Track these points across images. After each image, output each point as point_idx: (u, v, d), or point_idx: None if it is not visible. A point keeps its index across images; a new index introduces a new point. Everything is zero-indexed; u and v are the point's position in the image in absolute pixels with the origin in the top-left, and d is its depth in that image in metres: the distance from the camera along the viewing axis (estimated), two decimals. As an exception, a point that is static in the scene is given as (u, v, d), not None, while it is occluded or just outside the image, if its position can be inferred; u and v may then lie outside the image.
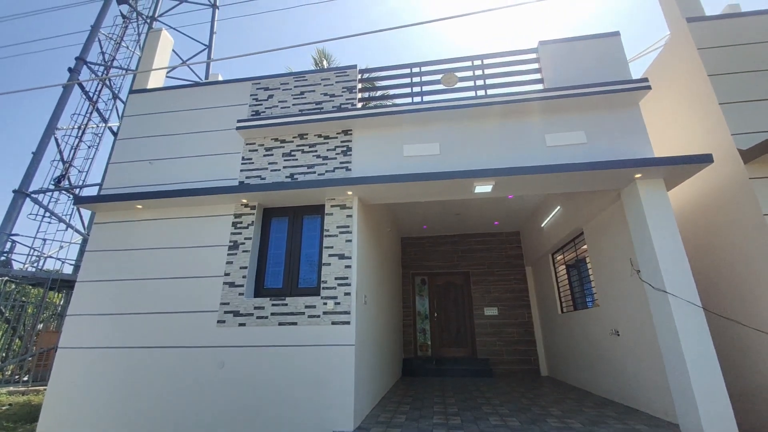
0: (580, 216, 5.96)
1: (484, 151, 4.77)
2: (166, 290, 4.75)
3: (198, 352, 4.40)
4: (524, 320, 8.88)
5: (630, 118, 4.61)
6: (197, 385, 4.27)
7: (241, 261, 4.76)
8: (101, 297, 4.83)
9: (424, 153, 4.89)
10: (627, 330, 4.91)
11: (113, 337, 4.61)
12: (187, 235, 5.01)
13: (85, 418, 4.32)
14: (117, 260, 5.00)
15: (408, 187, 4.66)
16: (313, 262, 4.90)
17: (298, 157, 5.18)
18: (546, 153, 4.62)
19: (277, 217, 5.21)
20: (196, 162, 5.40)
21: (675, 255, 4.02)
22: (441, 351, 9.08)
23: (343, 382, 4.08)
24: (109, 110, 15.46)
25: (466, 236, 9.82)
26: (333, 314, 4.35)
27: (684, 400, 3.70)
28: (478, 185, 4.58)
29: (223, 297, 4.61)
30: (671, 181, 4.42)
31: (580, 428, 3.89)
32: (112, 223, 5.26)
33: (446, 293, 9.57)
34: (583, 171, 4.22)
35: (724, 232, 4.69)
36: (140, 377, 4.40)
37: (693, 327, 3.75)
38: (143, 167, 5.54)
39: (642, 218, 4.25)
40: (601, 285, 5.60)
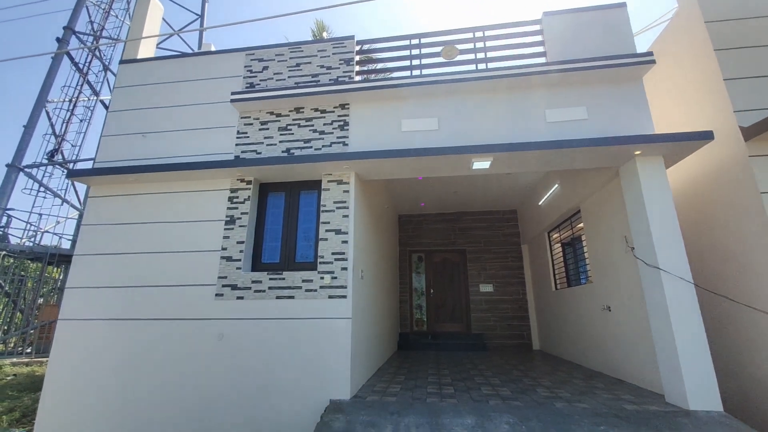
0: (577, 194, 5.96)
1: (484, 127, 4.69)
2: (163, 264, 4.77)
3: (197, 324, 4.47)
4: (518, 297, 9.04)
5: (633, 94, 4.52)
6: (197, 356, 4.36)
7: (237, 236, 4.76)
8: (99, 270, 4.85)
9: (422, 128, 4.81)
10: (618, 306, 5.01)
11: (113, 310, 4.66)
12: (183, 209, 4.98)
13: (88, 387, 4.43)
14: (113, 234, 4.99)
15: (405, 162, 4.61)
16: (309, 237, 4.91)
17: (295, 131, 5.09)
18: (546, 129, 4.55)
19: (273, 192, 5.18)
20: (191, 135, 5.30)
21: (670, 232, 4.04)
22: (436, 326, 9.28)
23: (340, 353, 4.17)
24: (100, 82, 15.07)
25: (463, 214, 9.84)
26: (330, 288, 4.40)
27: (671, 372, 3.82)
28: (476, 161, 4.54)
29: (220, 271, 4.64)
30: (670, 159, 4.39)
31: (569, 397, 4.03)
32: (107, 197, 5.21)
33: (443, 270, 9.68)
34: (584, 148, 4.17)
35: (720, 210, 4.70)
36: (140, 348, 4.48)
37: (683, 303, 3.82)
38: (136, 140, 5.44)
39: (639, 195, 4.25)
40: (595, 262, 5.67)
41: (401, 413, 3.62)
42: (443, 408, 3.72)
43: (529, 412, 3.55)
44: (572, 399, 3.97)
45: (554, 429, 3.25)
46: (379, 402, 3.94)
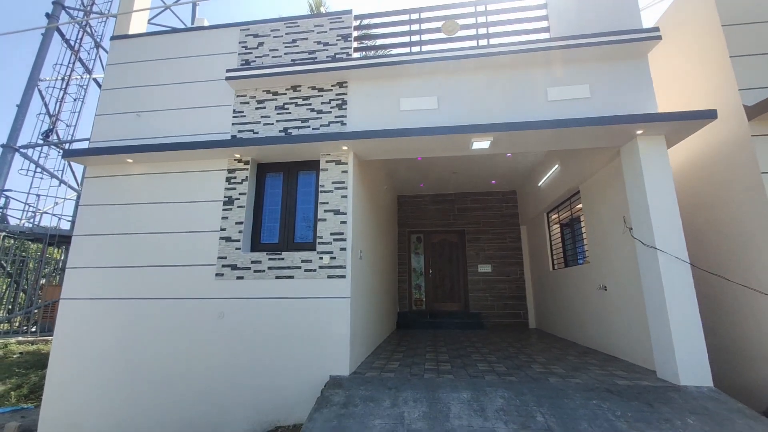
0: (577, 174, 5.92)
1: (484, 106, 4.61)
2: (163, 244, 4.78)
3: (198, 304, 4.53)
4: (516, 277, 9.14)
5: (637, 71, 4.42)
6: (199, 334, 4.44)
7: (236, 216, 4.76)
8: (99, 251, 4.87)
9: (421, 107, 4.73)
10: (614, 285, 5.07)
11: (114, 289, 4.71)
12: (181, 189, 4.95)
13: (92, 364, 4.53)
14: (111, 215, 4.99)
15: (404, 142, 4.56)
16: (308, 217, 4.91)
17: (292, 110, 5.00)
18: (547, 108, 4.47)
19: (271, 173, 5.14)
20: (186, 114, 5.21)
21: (668, 212, 4.04)
22: (435, 305, 9.42)
23: (340, 331, 4.25)
24: (92, 60, 14.71)
25: (462, 195, 9.82)
26: (329, 268, 4.44)
27: (663, 349, 3.90)
28: (476, 141, 4.49)
29: (220, 251, 4.66)
30: (672, 138, 4.34)
31: (563, 373, 4.14)
32: (104, 178, 5.18)
33: (441, 251, 9.74)
34: (585, 127, 4.12)
35: (720, 190, 4.69)
36: (142, 327, 4.56)
37: (679, 282, 3.87)
38: (131, 119, 5.35)
39: (639, 176, 4.23)
40: (593, 243, 5.70)
41: (399, 388, 3.72)
42: (440, 383, 3.82)
43: (524, 387, 3.65)
44: (566, 375, 4.08)
45: (547, 402, 3.35)
46: (377, 378, 4.04)
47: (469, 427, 3.03)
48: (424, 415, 3.23)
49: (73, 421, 4.40)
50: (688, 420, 3.05)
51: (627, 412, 3.17)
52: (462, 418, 3.16)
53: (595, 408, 3.25)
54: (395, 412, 3.30)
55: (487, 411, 3.25)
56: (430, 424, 3.10)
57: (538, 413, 3.20)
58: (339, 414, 3.32)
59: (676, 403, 3.32)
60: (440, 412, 3.27)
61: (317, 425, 3.17)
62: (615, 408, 3.25)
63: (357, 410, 3.37)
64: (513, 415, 3.18)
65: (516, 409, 3.26)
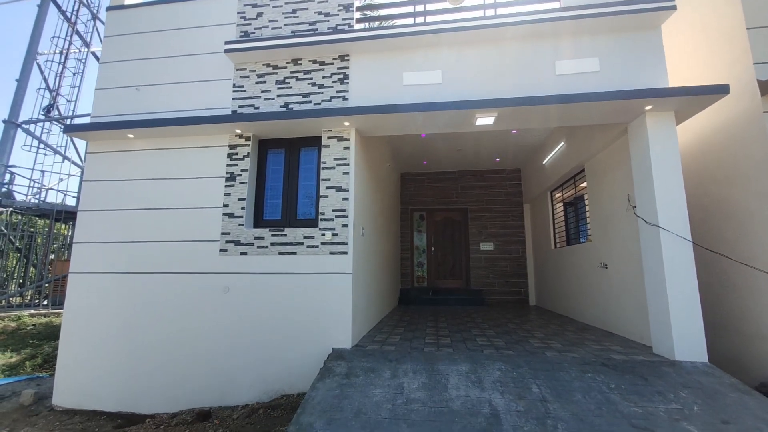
0: (583, 152, 5.83)
1: (490, 80, 4.50)
2: (167, 220, 4.82)
3: (203, 278, 4.62)
4: (518, 255, 9.19)
5: (649, 43, 4.27)
6: (204, 308, 4.54)
7: (238, 193, 4.77)
8: (104, 226, 4.93)
9: (425, 81, 4.62)
10: (615, 263, 5.09)
11: (121, 263, 4.80)
12: (184, 165, 4.95)
13: (101, 336, 4.68)
14: (116, 190, 5.01)
15: (406, 118, 4.48)
16: (311, 194, 4.91)
17: (293, 84, 4.91)
18: (554, 83, 4.35)
19: (273, 149, 5.11)
20: (186, 89, 5.14)
21: (673, 190, 4.00)
22: (437, 283, 9.54)
23: (342, 306, 4.34)
24: (90, 33, 14.37)
25: (466, 173, 9.75)
26: (331, 245, 4.48)
27: (660, 325, 3.95)
28: (480, 117, 4.40)
29: (223, 227, 4.70)
30: (682, 114, 4.23)
31: (560, 348, 4.22)
32: (106, 153, 5.17)
33: (444, 229, 9.77)
34: (594, 102, 4.02)
35: (727, 167, 4.61)
36: (151, 300, 4.67)
37: (679, 260, 3.87)
38: (131, 94, 5.29)
39: (646, 153, 4.15)
40: (595, 221, 5.68)
41: (399, 360, 3.83)
42: (439, 356, 3.92)
43: (521, 360, 3.74)
44: (563, 349, 4.17)
45: (543, 375, 3.44)
46: (378, 350, 4.15)
47: (466, 397, 3.13)
48: (423, 385, 3.34)
49: (86, 389, 4.59)
50: (680, 393, 3.13)
51: (621, 385, 3.26)
52: (460, 388, 3.27)
53: (589, 381, 3.34)
54: (395, 382, 3.41)
55: (484, 382, 3.35)
56: (428, 394, 3.21)
57: (533, 385, 3.29)
58: (341, 384, 3.44)
59: (669, 377, 3.40)
60: (439, 383, 3.37)
61: (320, 393, 3.29)
62: (609, 381, 3.33)
63: (358, 380, 3.48)
64: (509, 386, 3.28)
65: (512, 381, 3.36)
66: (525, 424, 2.77)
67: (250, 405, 4.18)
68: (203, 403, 4.35)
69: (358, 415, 2.94)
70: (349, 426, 2.83)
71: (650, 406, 2.95)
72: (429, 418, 2.87)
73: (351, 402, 3.13)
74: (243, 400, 4.28)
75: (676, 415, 2.83)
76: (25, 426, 4.17)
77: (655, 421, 2.77)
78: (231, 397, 4.32)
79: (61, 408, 4.57)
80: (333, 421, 2.89)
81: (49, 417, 4.41)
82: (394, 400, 3.13)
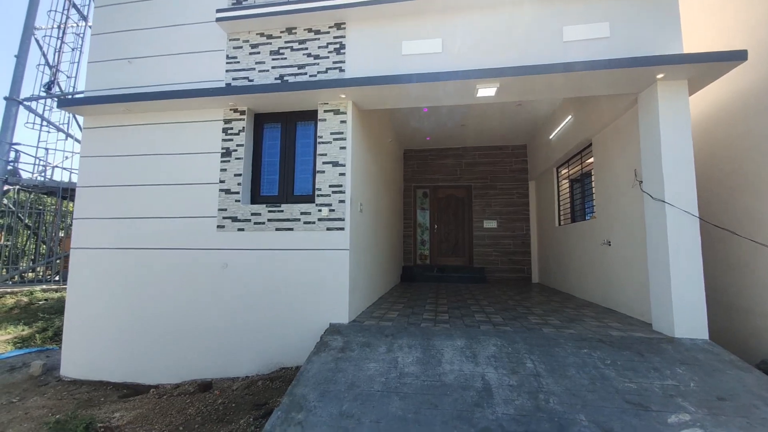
0: (590, 126, 5.61)
1: (492, 48, 4.27)
2: (165, 196, 4.80)
3: (201, 254, 4.63)
4: (522, 233, 9.10)
5: (663, 6, 3.98)
6: (203, 283, 4.58)
7: (234, 168, 4.70)
8: (103, 202, 4.92)
9: (424, 51, 4.41)
10: (618, 240, 4.98)
11: (121, 239, 4.82)
12: (179, 141, 4.87)
13: (103, 310, 4.76)
14: (112, 166, 4.98)
15: (405, 89, 4.31)
16: (308, 170, 4.83)
17: (287, 55, 4.73)
18: (562, 50, 4.12)
19: (269, 124, 5.00)
20: (179, 61, 4.99)
21: (682, 164, 3.83)
22: (439, 260, 9.53)
23: (339, 282, 4.33)
24: (87, 5, 14.03)
25: (470, 149, 9.54)
26: (328, 221, 4.43)
27: (661, 302, 3.88)
28: (481, 88, 4.22)
29: (220, 203, 4.67)
30: (695, 84, 4.00)
31: (558, 324, 4.20)
32: (102, 128, 5.11)
33: (447, 206, 9.67)
34: (603, 71, 3.80)
35: (740, 140, 4.40)
36: (150, 276, 4.71)
37: (685, 236, 3.75)
38: (124, 67, 5.16)
39: (655, 125, 3.96)
40: (601, 197, 5.53)
41: (395, 336, 3.84)
42: (436, 332, 3.92)
43: (517, 336, 3.72)
44: (560, 326, 4.14)
45: (538, 351, 3.43)
46: (375, 326, 4.17)
47: (459, 372, 3.14)
48: (417, 360, 3.35)
49: (92, 361, 4.72)
50: (677, 369, 3.09)
51: (617, 361, 3.23)
52: (454, 363, 3.27)
53: (585, 356, 3.32)
54: (390, 357, 3.43)
55: (478, 357, 3.35)
56: (422, 368, 3.22)
57: (528, 360, 3.28)
58: (336, 357, 3.47)
59: (667, 353, 3.36)
60: (433, 357, 3.38)
61: (315, 366, 3.32)
62: (605, 357, 3.31)
63: (353, 354, 3.50)
64: (504, 361, 3.27)
65: (507, 356, 3.35)
66: (516, 398, 2.77)
67: (250, 377, 4.28)
68: (205, 374, 4.45)
69: (351, 388, 2.97)
70: (341, 398, 2.86)
71: (645, 382, 2.93)
72: (421, 392, 2.88)
73: (345, 375, 3.16)
74: (243, 372, 4.38)
75: (671, 392, 2.81)
76: (34, 395, 4.33)
77: (649, 397, 2.75)
78: (232, 369, 4.41)
79: (69, 378, 4.73)
80: (326, 393, 2.92)
81: (57, 387, 4.56)
82: (387, 374, 3.15)
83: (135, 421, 3.50)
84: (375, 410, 2.70)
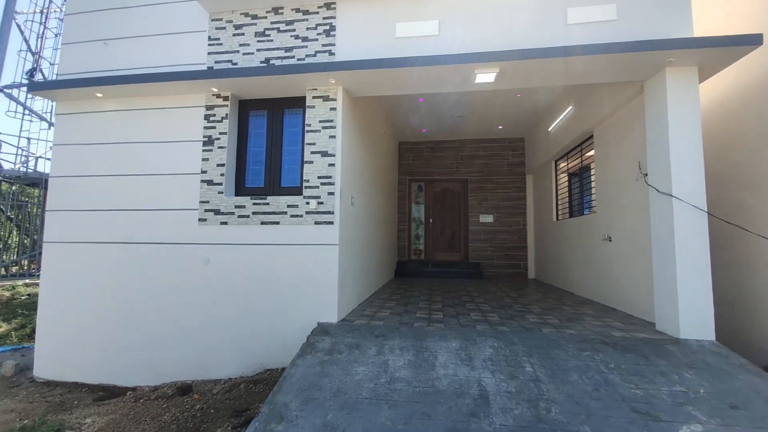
0: (592, 117, 5.38)
1: (492, 31, 4.00)
2: (142, 187, 4.52)
3: (182, 249, 4.37)
4: (518, 228, 8.90)
5: (674, -13, 3.74)
6: (184, 279, 4.32)
7: (217, 158, 4.43)
8: (77, 193, 4.63)
9: (420, 33, 4.13)
10: (620, 235, 4.78)
11: (96, 233, 4.54)
12: (157, 128, 4.58)
13: (77, 306, 4.49)
14: (87, 155, 4.68)
15: (399, 75, 4.04)
16: (295, 160, 4.56)
17: (274, 37, 4.43)
18: (566, 33, 3.87)
19: (255, 111, 4.71)
20: (158, 42, 4.67)
21: (691, 156, 3.62)
22: (434, 255, 9.32)
23: (328, 279, 4.10)
24: (70, -10, 13.46)
25: (467, 142, 9.29)
26: (316, 214, 4.18)
27: (666, 301, 3.69)
28: (480, 73, 3.96)
29: (202, 195, 4.40)
30: (705, 70, 3.77)
31: (557, 324, 4.00)
32: (76, 115, 4.79)
33: (443, 200, 9.43)
34: (609, 55, 3.56)
35: (752, 130, 4.19)
36: (127, 270, 4.44)
37: (692, 231, 3.55)
38: (99, 49, 4.83)
39: (663, 115, 3.73)
40: (601, 191, 5.32)
41: (387, 336, 3.62)
42: (429, 332, 3.71)
43: (515, 337, 3.52)
44: (560, 325, 3.94)
45: (538, 353, 3.22)
46: (366, 326, 3.94)
47: (454, 376, 2.93)
48: (409, 363, 3.14)
49: (67, 361, 4.46)
50: (685, 374, 2.90)
51: (621, 365, 3.04)
52: (448, 367, 3.06)
53: (587, 359, 3.12)
54: (380, 359, 3.21)
55: (474, 360, 3.14)
56: (414, 372, 3.01)
57: (527, 363, 3.08)
58: (323, 360, 3.24)
59: (674, 356, 3.17)
60: (426, 360, 3.17)
61: (299, 371, 3.10)
62: (608, 360, 3.11)
63: (341, 357, 3.28)
64: (501, 365, 3.07)
65: (505, 359, 3.15)
66: (515, 406, 2.56)
67: (232, 379, 4.04)
68: (186, 376, 4.22)
69: (337, 395, 2.75)
70: (326, 406, 2.63)
71: (652, 388, 2.74)
72: (412, 399, 2.67)
73: (331, 380, 2.94)
74: (226, 374, 4.14)
75: (680, 399, 2.61)
76: (4, 398, 4.07)
77: (658, 405, 2.56)
78: (214, 371, 4.18)
79: (42, 379, 4.47)
80: (309, 401, 2.70)
81: (30, 388, 4.31)
82: (377, 379, 2.93)
83: (106, 428, 3.27)
84: (362, 421, 2.48)
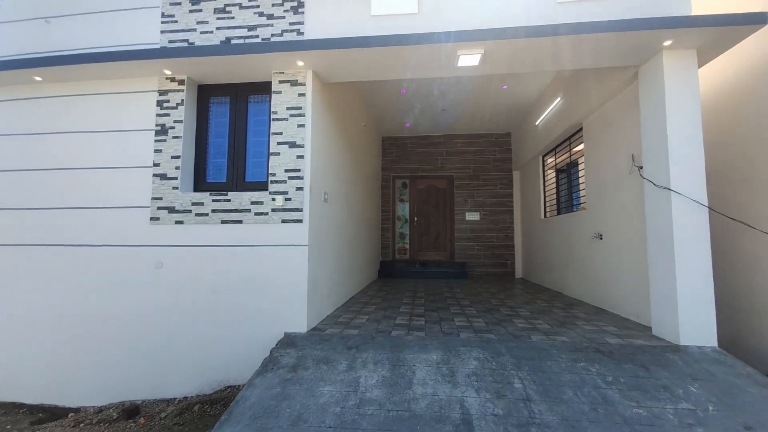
0: (582, 107, 5.08)
1: (475, 9, 3.64)
2: (86, 182, 4.01)
3: (131, 252, 3.88)
4: (505, 226, 8.62)
5: (672, -37, 3.44)
6: (133, 286, 3.84)
7: (171, 149, 3.95)
8: (11, 189, 4.09)
9: (397, 11, 3.73)
10: (611, 233, 4.50)
11: (33, 234, 4.01)
12: (104, 115, 4.07)
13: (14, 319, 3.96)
14: (23, 146, 4.14)
15: (374, 55, 3.65)
16: (262, 152, 4.12)
17: (235, 14, 3.97)
18: (554, 11, 3.52)
19: (216, 97, 4.25)
20: (105, 20, 4.15)
21: (690, 147, 3.33)
22: (419, 255, 8.97)
23: (296, 283, 3.67)
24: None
25: (452, 137, 8.95)
26: (283, 211, 3.75)
27: (663, 304, 3.40)
28: (463, 55, 3.59)
29: (154, 191, 3.92)
30: (704, 54, 3.49)
31: (547, 329, 3.67)
32: (12, 101, 4.25)
33: (428, 197, 9.08)
34: (603, 34, 3.24)
35: (753, 120, 3.93)
36: (69, 277, 3.93)
37: (692, 228, 3.26)
38: (39, 27, 4.28)
39: (660, 101, 3.44)
40: (591, 187, 5.03)
41: (360, 348, 3.23)
42: (408, 342, 3.33)
43: (502, 347, 3.17)
44: (550, 331, 3.62)
45: (527, 365, 2.88)
46: (338, 335, 3.54)
47: (433, 396, 2.55)
48: (383, 380, 2.75)
49: (2, 379, 3.92)
50: (690, 388, 2.60)
51: (619, 378, 2.71)
52: (427, 384, 2.68)
53: (582, 372, 2.79)
54: (350, 376, 2.81)
55: (457, 376, 2.77)
56: (388, 392, 2.62)
57: (516, 378, 2.72)
58: (284, 379, 2.83)
59: (675, 366, 2.87)
60: (403, 377, 2.78)
61: (256, 393, 2.67)
62: (605, 372, 2.79)
63: (306, 374, 2.87)
64: (487, 380, 2.71)
65: (491, 373, 2.79)
66: (503, 433, 2.20)
67: (188, 398, 3.59)
68: (136, 395, 3.74)
69: (296, 424, 2.34)
70: (281, 438, 2.23)
71: (656, 406, 2.42)
72: (384, 427, 2.28)
73: (291, 404, 2.53)
74: (181, 392, 3.68)
75: (688, 419, 2.30)
76: None
77: (663, 427, 2.23)
78: (168, 389, 3.71)
79: (-30, 401, 3.92)
80: (263, 432, 2.28)
81: (-45, 412, 3.76)
82: (344, 402, 2.53)
83: (29, 463, 2.78)
84: (322, 456, 2.08)
